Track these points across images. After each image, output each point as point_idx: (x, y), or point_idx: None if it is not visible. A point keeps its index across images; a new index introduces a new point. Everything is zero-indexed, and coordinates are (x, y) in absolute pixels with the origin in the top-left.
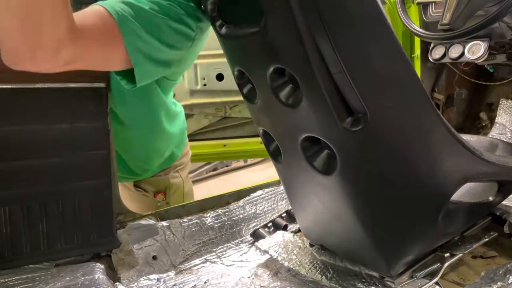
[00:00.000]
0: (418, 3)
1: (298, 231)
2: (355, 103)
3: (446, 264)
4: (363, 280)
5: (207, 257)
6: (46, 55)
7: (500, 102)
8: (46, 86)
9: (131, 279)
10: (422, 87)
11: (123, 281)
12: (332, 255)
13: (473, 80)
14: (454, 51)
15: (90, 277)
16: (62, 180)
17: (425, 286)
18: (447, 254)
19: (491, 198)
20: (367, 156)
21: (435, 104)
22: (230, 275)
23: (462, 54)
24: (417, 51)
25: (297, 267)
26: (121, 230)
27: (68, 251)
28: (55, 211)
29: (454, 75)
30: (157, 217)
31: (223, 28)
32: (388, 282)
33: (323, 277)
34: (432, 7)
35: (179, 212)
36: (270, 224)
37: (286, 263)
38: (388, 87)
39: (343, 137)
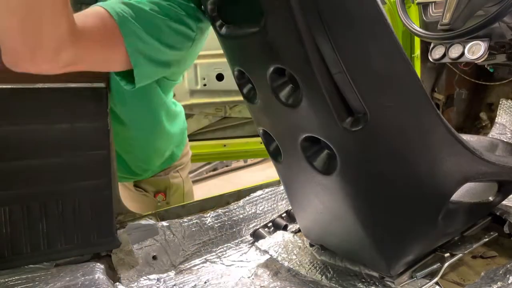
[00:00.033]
0: (418, 3)
1: (298, 231)
2: (355, 103)
3: (446, 264)
4: (363, 280)
5: (207, 257)
6: (46, 56)
7: (500, 102)
8: (46, 86)
9: (131, 279)
10: (422, 87)
11: (123, 281)
12: (332, 255)
13: (473, 80)
14: (454, 51)
15: (90, 277)
16: (62, 180)
17: (425, 286)
18: (447, 254)
19: (491, 198)
20: (367, 156)
21: (435, 104)
22: (230, 275)
23: (462, 54)
24: (417, 51)
25: (297, 267)
26: (121, 230)
27: (68, 251)
28: (55, 211)
29: (454, 75)
30: (157, 217)
31: (223, 28)
32: (388, 282)
33: (323, 277)
34: (432, 7)
35: (179, 212)
36: (270, 224)
37: (286, 263)
38: (388, 87)
39: (343, 137)
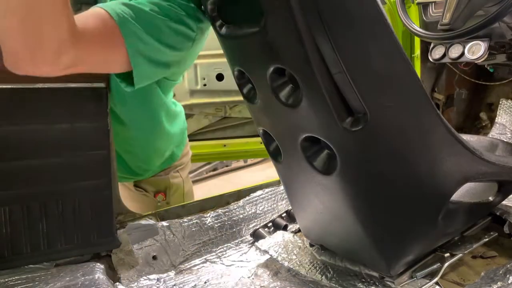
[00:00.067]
0: (418, 3)
1: (298, 231)
2: (355, 103)
3: (446, 264)
4: (363, 280)
5: (207, 257)
6: (47, 58)
7: (500, 102)
8: (46, 86)
9: (131, 279)
10: (422, 87)
11: (123, 281)
12: (332, 255)
13: (473, 80)
14: (454, 51)
15: (90, 277)
16: (62, 180)
17: (425, 286)
18: (447, 254)
19: (491, 198)
20: (367, 156)
21: (435, 104)
22: (230, 275)
23: (462, 54)
24: (417, 51)
25: (297, 267)
26: (121, 230)
27: (68, 251)
28: (55, 211)
29: (454, 75)
30: (157, 217)
31: (223, 28)
32: (388, 282)
33: (323, 277)
34: (432, 7)
35: (179, 212)
36: (270, 224)
37: (286, 263)
38: (388, 87)
39: (343, 137)
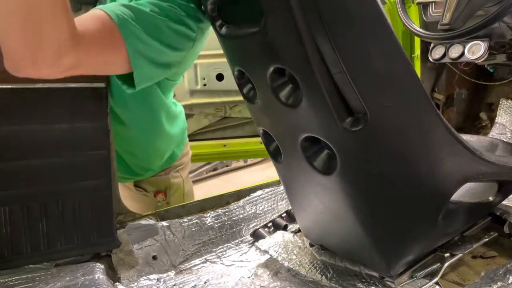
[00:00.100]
0: (418, 3)
1: (298, 231)
2: (355, 103)
3: (446, 264)
4: (363, 280)
5: (207, 257)
6: (47, 61)
7: (500, 102)
8: (46, 86)
9: (131, 279)
10: (422, 87)
11: (123, 281)
12: (332, 255)
13: (473, 80)
14: (454, 51)
15: (90, 277)
16: (62, 180)
17: (425, 286)
18: (447, 254)
19: (491, 198)
20: (367, 156)
21: (435, 104)
22: (230, 275)
23: (462, 54)
24: (417, 51)
25: (297, 267)
26: (121, 230)
27: (68, 251)
28: (55, 211)
29: (454, 75)
30: (157, 217)
31: (223, 28)
32: (388, 282)
33: (323, 277)
34: (432, 7)
35: (179, 212)
36: (270, 224)
37: (286, 263)
38: (388, 87)
39: (343, 137)
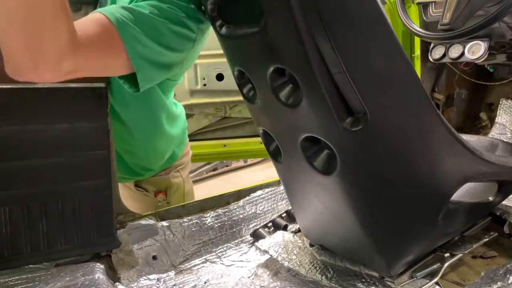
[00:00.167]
0: (418, 3)
1: (298, 231)
2: (355, 103)
3: (446, 264)
4: (363, 280)
5: (207, 257)
6: (48, 66)
7: (500, 102)
8: (46, 86)
9: (131, 279)
10: (422, 87)
11: (123, 281)
12: (332, 255)
13: (473, 80)
14: (454, 51)
15: (90, 277)
16: (62, 180)
17: (425, 286)
18: (447, 254)
19: (491, 198)
20: (367, 156)
21: (435, 104)
22: (230, 275)
23: (462, 54)
24: (417, 51)
25: (297, 267)
26: (121, 230)
27: (68, 251)
28: (55, 211)
29: (454, 75)
30: (157, 217)
31: (223, 28)
32: (388, 282)
33: (323, 277)
34: (432, 7)
35: (179, 212)
36: (270, 224)
37: (286, 263)
38: (388, 87)
39: (343, 137)
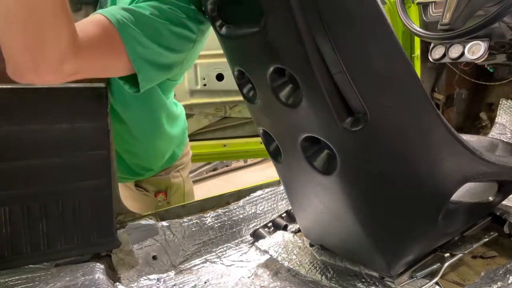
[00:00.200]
0: (418, 3)
1: (298, 231)
2: (355, 103)
3: (446, 264)
4: (363, 280)
5: (207, 257)
6: (50, 68)
7: (500, 102)
8: (46, 86)
9: (131, 279)
10: (422, 87)
11: (123, 281)
12: (332, 255)
13: (473, 80)
14: (454, 51)
15: (90, 277)
16: (62, 180)
17: (425, 286)
18: (447, 254)
19: (491, 198)
20: (367, 156)
21: (435, 104)
22: (230, 275)
23: (462, 54)
24: (417, 51)
25: (297, 267)
26: (121, 230)
27: (68, 251)
28: (55, 211)
29: (454, 75)
30: (157, 217)
31: (223, 28)
32: (388, 282)
33: (323, 277)
34: (432, 7)
35: (179, 212)
36: (270, 224)
37: (286, 263)
38: (388, 87)
39: (343, 137)
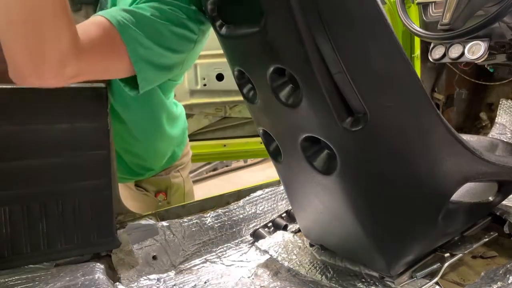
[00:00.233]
0: (418, 3)
1: (298, 231)
2: (355, 103)
3: (446, 264)
4: (363, 280)
5: (207, 257)
6: (51, 71)
7: (500, 102)
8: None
9: (131, 279)
10: (422, 87)
11: (123, 281)
12: (332, 255)
13: (473, 80)
14: (454, 51)
15: (90, 277)
16: (62, 180)
17: (425, 286)
18: (447, 254)
19: (491, 198)
20: (367, 156)
21: (435, 104)
22: (230, 275)
23: (462, 54)
24: (417, 51)
25: (297, 267)
26: (121, 230)
27: (68, 251)
28: (55, 211)
29: (454, 75)
30: (157, 217)
31: (223, 28)
32: (388, 282)
33: (323, 277)
34: (432, 7)
35: (179, 212)
36: (270, 224)
37: (286, 263)
38: (388, 87)
39: (343, 137)
